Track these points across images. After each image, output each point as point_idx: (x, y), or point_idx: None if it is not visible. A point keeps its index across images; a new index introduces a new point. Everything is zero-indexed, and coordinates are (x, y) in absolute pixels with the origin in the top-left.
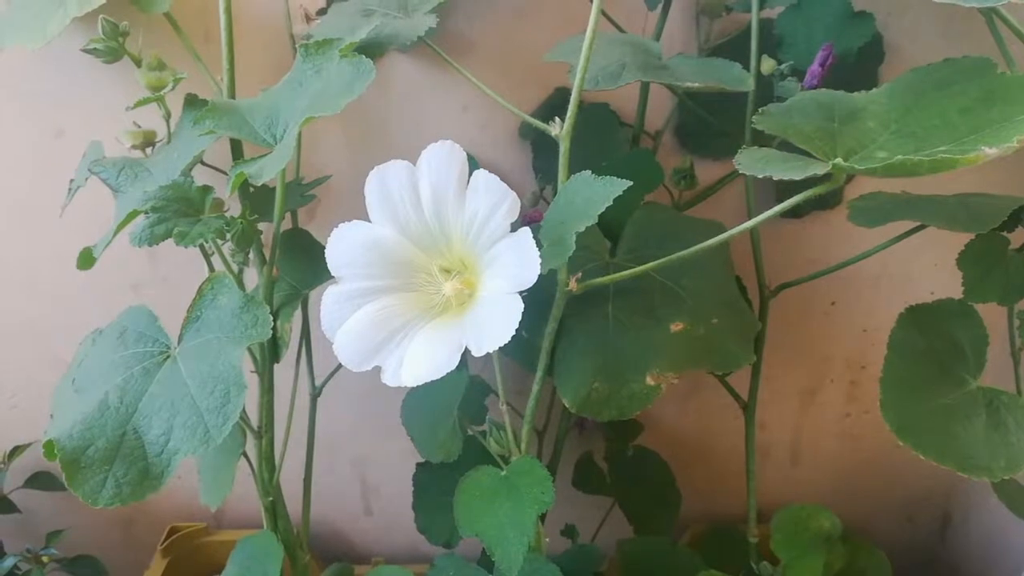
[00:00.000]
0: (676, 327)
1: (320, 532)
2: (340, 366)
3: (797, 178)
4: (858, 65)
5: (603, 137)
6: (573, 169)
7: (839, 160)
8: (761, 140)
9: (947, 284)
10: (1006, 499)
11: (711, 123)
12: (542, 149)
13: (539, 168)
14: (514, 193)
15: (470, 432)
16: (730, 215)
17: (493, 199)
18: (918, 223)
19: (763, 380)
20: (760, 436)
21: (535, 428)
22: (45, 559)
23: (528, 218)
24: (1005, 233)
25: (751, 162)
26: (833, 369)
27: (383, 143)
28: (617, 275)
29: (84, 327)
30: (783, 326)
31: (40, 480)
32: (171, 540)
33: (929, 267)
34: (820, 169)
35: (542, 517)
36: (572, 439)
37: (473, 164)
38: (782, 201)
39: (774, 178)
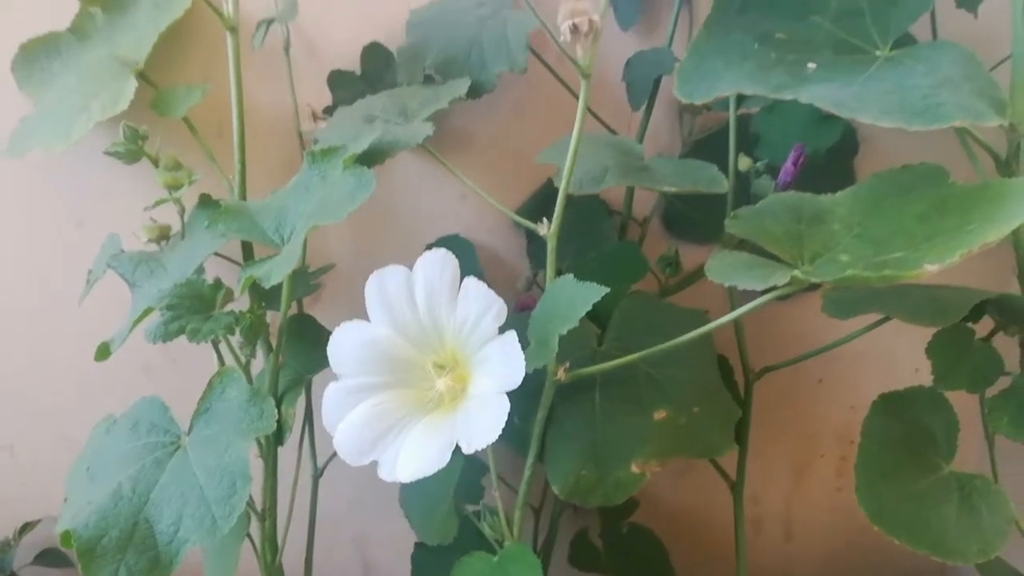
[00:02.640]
0: (660, 415)
1: None
2: None
3: (759, 288)
4: (834, 158)
5: (592, 227)
6: (563, 256)
7: (797, 272)
8: None
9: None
10: None
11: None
12: (536, 236)
13: (533, 254)
14: (501, 300)
15: (467, 511)
16: (714, 298)
17: (482, 305)
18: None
19: (755, 455)
20: (753, 511)
21: (532, 506)
22: None
23: (521, 304)
24: (971, 324)
25: (719, 269)
26: (823, 444)
27: (385, 229)
28: (603, 365)
29: (96, 407)
30: (772, 402)
31: (49, 557)
32: None
33: (913, 345)
34: (780, 280)
35: None
36: (568, 516)
37: (470, 250)
38: None
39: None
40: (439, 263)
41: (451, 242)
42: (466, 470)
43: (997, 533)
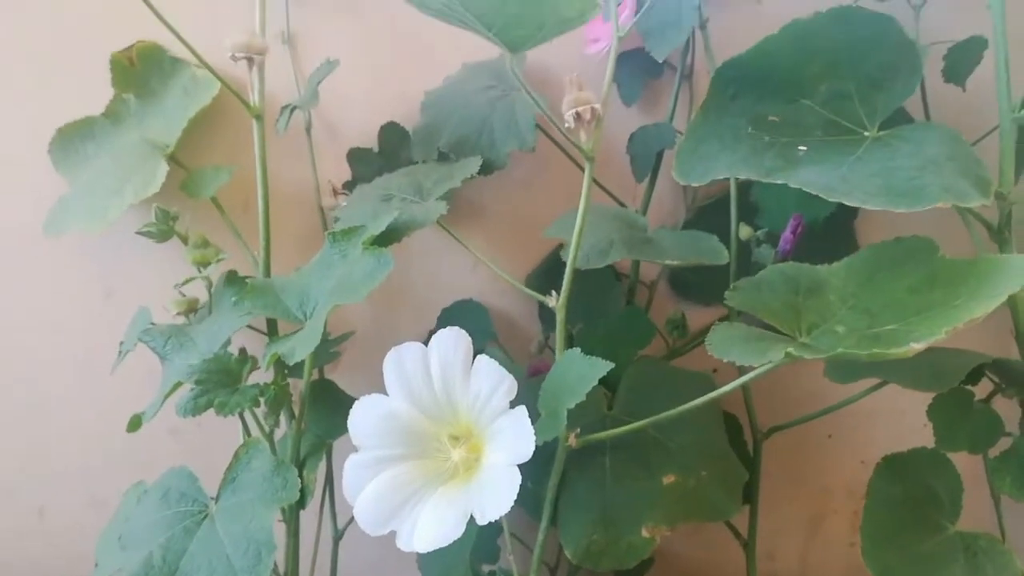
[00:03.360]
0: (668, 480)
1: None
2: None
3: (755, 365)
4: (836, 220)
5: (601, 291)
6: (573, 320)
7: (791, 349)
8: None
9: None
10: None
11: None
12: None
13: (545, 318)
14: (511, 377)
15: (483, 572)
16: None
17: (493, 381)
18: None
19: (768, 511)
20: (769, 567)
21: (547, 564)
22: None
23: (534, 369)
24: (970, 386)
25: (718, 343)
26: (835, 499)
27: (403, 294)
28: (612, 432)
29: (124, 470)
30: (783, 458)
31: None
32: None
33: (920, 401)
34: (775, 356)
35: None
36: (584, 575)
37: (484, 314)
38: None
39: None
40: (453, 341)
41: (466, 306)
42: (483, 530)
43: None
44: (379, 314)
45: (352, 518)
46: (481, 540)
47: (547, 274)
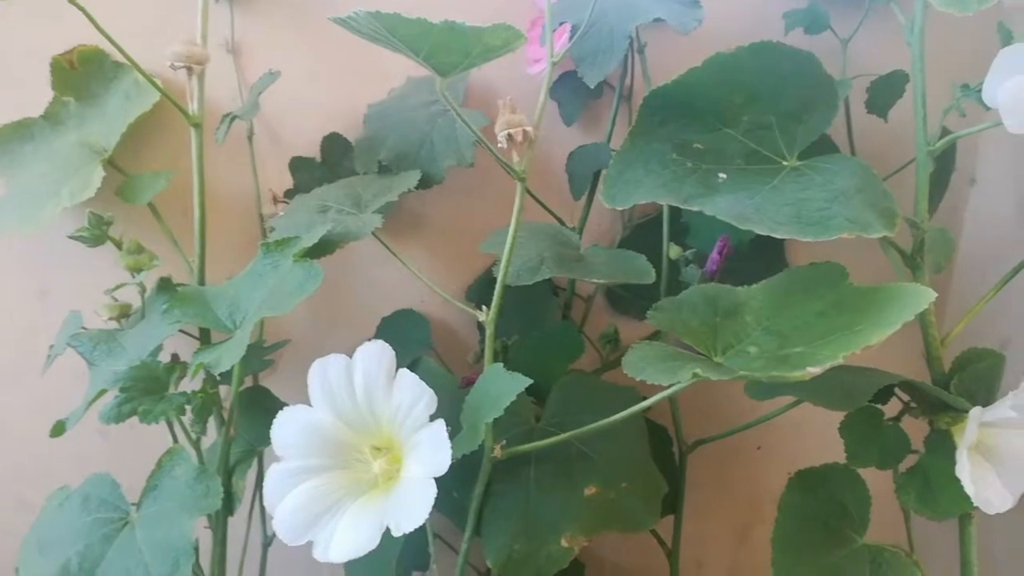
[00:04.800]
0: (590, 491)
1: None
2: None
3: (664, 384)
4: (765, 242)
5: (537, 304)
6: (509, 332)
7: (698, 370)
8: None
9: None
10: None
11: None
12: None
13: (482, 328)
14: (431, 391)
15: None
16: None
17: (414, 395)
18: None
19: (698, 520)
20: (697, 574)
21: (478, 570)
22: None
23: (467, 380)
24: (880, 405)
25: (633, 363)
26: (764, 508)
27: (342, 303)
28: (538, 443)
29: (52, 470)
30: (713, 466)
31: None
32: None
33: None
34: (683, 377)
35: None
36: None
37: (423, 323)
38: None
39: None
40: (376, 354)
41: (405, 316)
42: (412, 537)
43: None
44: (319, 322)
45: None
46: (410, 547)
47: (488, 285)
